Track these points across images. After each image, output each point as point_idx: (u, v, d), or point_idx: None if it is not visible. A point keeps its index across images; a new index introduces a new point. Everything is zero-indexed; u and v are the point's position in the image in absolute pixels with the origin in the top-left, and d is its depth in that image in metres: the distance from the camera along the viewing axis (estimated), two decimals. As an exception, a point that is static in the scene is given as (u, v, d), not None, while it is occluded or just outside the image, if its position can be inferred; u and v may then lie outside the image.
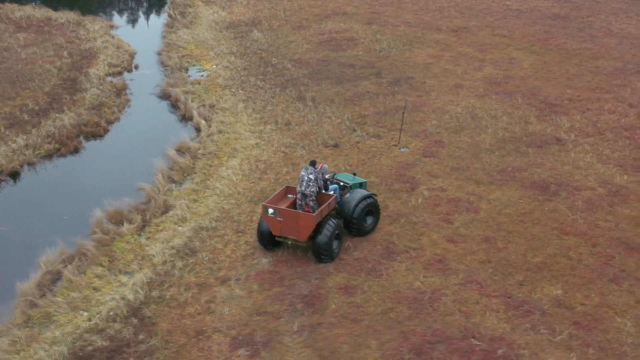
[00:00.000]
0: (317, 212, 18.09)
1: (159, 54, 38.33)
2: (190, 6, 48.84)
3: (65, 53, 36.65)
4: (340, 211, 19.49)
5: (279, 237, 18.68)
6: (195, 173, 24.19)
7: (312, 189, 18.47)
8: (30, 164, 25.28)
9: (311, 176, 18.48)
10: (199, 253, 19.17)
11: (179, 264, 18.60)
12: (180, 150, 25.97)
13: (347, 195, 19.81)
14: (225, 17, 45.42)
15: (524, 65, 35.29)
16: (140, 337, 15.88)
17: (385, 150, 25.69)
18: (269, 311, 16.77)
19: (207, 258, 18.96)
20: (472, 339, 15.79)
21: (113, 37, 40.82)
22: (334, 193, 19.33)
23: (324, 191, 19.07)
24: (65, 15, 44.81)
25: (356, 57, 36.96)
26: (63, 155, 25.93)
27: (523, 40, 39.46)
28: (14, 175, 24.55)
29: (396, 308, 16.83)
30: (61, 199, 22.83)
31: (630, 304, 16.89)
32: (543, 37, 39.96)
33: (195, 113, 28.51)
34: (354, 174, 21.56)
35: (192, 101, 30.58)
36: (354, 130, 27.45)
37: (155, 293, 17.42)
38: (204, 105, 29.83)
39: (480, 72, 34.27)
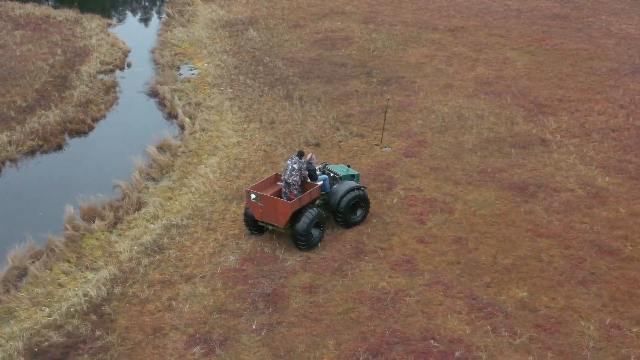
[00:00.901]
0: (294, 200, 18.29)
1: (152, 52, 38.40)
2: (189, 4, 48.97)
3: (59, 50, 36.86)
4: (327, 201, 19.73)
5: (261, 222, 19.12)
6: (173, 171, 24.22)
7: (295, 178, 18.75)
8: (12, 160, 25.43)
9: (295, 165, 18.75)
10: (166, 250, 19.15)
11: (145, 261, 18.59)
12: (162, 148, 26.01)
13: (336, 186, 19.92)
14: (223, 16, 45.47)
15: (518, 65, 34.97)
16: (97, 333, 15.87)
17: (367, 149, 25.55)
18: (230, 309, 16.71)
19: (174, 255, 18.94)
20: (431, 341, 15.63)
21: (109, 35, 41.00)
22: (322, 183, 19.53)
23: (309, 180, 19.20)
24: (64, 13, 45.12)
25: (349, 56, 36.83)
26: (45, 152, 26.08)
27: (519, 41, 39.11)
28: (-5, 171, 24.74)
29: (358, 308, 16.70)
30: (39, 195, 22.94)
31: (596, 308, 16.64)
32: (540, 37, 39.59)
33: (180, 111, 28.53)
34: (348, 166, 21.56)
35: (179, 99, 30.63)
36: (338, 129, 27.33)
37: (117, 290, 17.41)
38: (190, 104, 29.86)
39: (472, 72, 34.01)
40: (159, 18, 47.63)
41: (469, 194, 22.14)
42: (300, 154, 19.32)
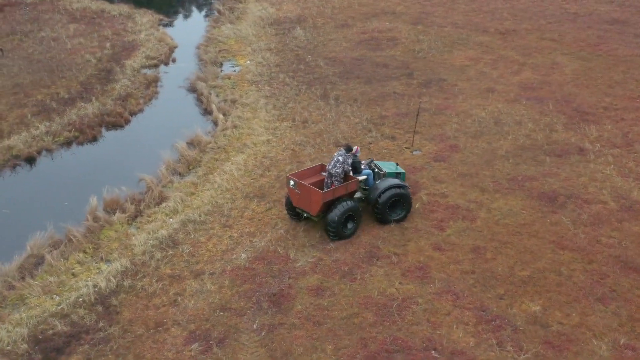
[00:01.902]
0: (327, 190, 18.67)
1: (198, 48, 38.86)
2: (241, 2, 49.36)
3: (108, 44, 37.69)
4: (367, 196, 19.89)
5: (298, 208, 19.66)
6: (200, 166, 24.38)
7: (338, 170, 19.08)
8: (47, 150, 26.12)
9: (340, 158, 19.14)
10: (180, 245, 19.29)
11: (158, 255, 18.76)
12: (192, 143, 26.25)
13: (378, 182, 19.98)
14: (272, 14, 45.63)
15: (566, 71, 33.83)
16: (100, 324, 16.10)
17: (396, 152, 25.15)
18: (234, 307, 16.69)
19: (187, 251, 19.05)
20: (433, 351, 15.24)
21: (158, 30, 41.67)
22: (366, 178, 19.93)
23: (352, 174, 19.42)
24: (118, 8, 46.12)
25: (392, 57, 36.39)
26: (81, 143, 26.68)
27: (572, 45, 37.85)
28: (30, 160, 25.42)
29: (362, 313, 16.42)
30: (68, 185, 23.48)
31: (611, 327, 15.90)
32: (594, 42, 38.21)
33: (214, 107, 28.73)
34: (397, 164, 21.35)
35: (217, 95, 30.86)
36: (370, 130, 27.01)
37: (127, 282, 17.63)
38: (225, 100, 30.05)
39: (517, 77, 33.10)
40: (210, 15, 48.13)
41: (495, 202, 21.52)
42: (348, 149, 19.51)
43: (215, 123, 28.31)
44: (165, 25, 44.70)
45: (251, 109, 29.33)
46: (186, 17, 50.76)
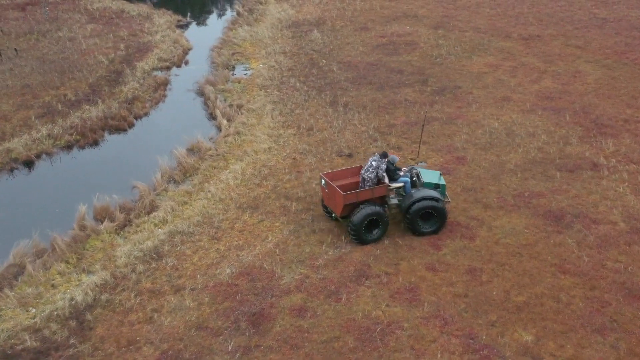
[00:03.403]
0: (350, 192, 18.66)
1: (212, 50, 38.40)
2: (261, 3, 48.89)
3: (122, 45, 37.48)
4: (400, 204, 19.54)
5: (327, 206, 20.01)
6: (197, 174, 23.84)
7: (370, 175, 19.12)
8: (47, 153, 25.87)
9: (374, 163, 19.13)
10: (164, 258, 18.75)
11: (140, 267, 18.24)
12: (192, 150, 25.74)
13: (413, 191, 19.49)
14: (292, 16, 45.03)
15: (588, 79, 32.53)
16: (72, 341, 15.62)
17: (400, 164, 24.26)
18: (210, 327, 16.07)
19: (171, 264, 18.50)
20: (413, 382, 14.42)
21: (175, 31, 41.36)
22: (402, 185, 19.59)
23: (386, 181, 19.19)
24: (138, 8, 46.00)
25: (409, 62, 35.47)
26: (81, 147, 26.39)
27: (597, 53, 36.47)
28: (28, 164, 25.19)
29: (343, 337, 15.66)
30: (62, 190, 23.16)
31: (608, 361, 14.88)
32: (621, 50, 36.78)
33: (219, 112, 28.20)
34: (440, 174, 20.64)
35: (224, 100, 30.35)
36: (375, 140, 26.19)
37: (104, 296, 17.14)
38: (231, 105, 29.50)
39: (536, 85, 31.92)
40: (229, 16, 47.70)
41: (498, 219, 20.54)
42: (384, 155, 19.37)
43: (219, 128, 27.77)
44: (183, 26, 44.41)
45: (257, 115, 28.72)
46: (206, 18, 50.43)
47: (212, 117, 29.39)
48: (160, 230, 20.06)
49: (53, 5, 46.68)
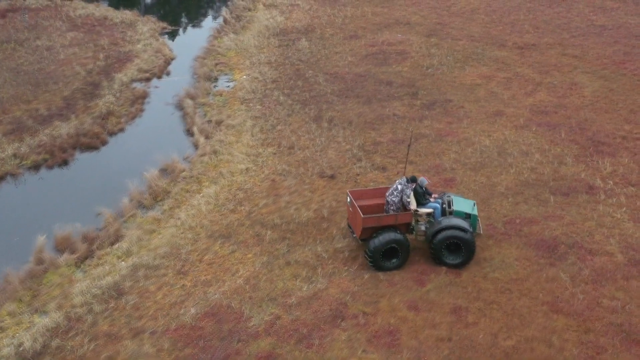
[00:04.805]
0: (371, 215, 17.80)
1: (195, 60, 36.97)
2: (249, 9, 47.46)
3: (102, 55, 36.08)
4: (426, 232, 18.47)
5: (349, 225, 19.16)
6: (168, 198, 22.45)
7: (394, 198, 18.36)
8: (12, 174, 24.44)
9: (399, 186, 18.38)
10: (125, 296, 17.35)
11: (98, 308, 16.85)
12: (166, 170, 24.33)
13: (442, 219, 18.27)
14: (280, 23, 43.60)
15: (585, 92, 31.16)
16: (14, 396, 14.24)
17: (385, 185, 22.87)
18: (169, 378, 14.69)
19: (132, 303, 17.11)
20: None
21: (158, 40, 39.94)
22: (432, 212, 18.57)
23: (411, 207, 18.29)
24: (122, 15, 44.56)
25: (399, 73, 34.08)
26: (49, 167, 24.97)
27: (595, 63, 35.10)
28: (-10, 187, 23.82)
29: (313, 391, 14.29)
30: (23, 217, 21.71)
31: (603, 419, 13.50)
32: (619, 60, 35.40)
33: (196, 129, 26.80)
34: (474, 204, 19.28)
35: (204, 115, 28.97)
36: (360, 159, 24.81)
37: (55, 342, 15.74)
38: (210, 121, 28.09)
39: (530, 98, 30.54)
40: (216, 23, 46.24)
41: (486, 250, 19.16)
42: (412, 179, 18.57)
43: (197, 146, 26.37)
44: (167, 34, 42.97)
45: (236, 132, 27.32)
46: (193, 25, 48.94)
47: (190, 133, 27.97)
48: (123, 263, 18.66)
49: (34, 12, 45.23)
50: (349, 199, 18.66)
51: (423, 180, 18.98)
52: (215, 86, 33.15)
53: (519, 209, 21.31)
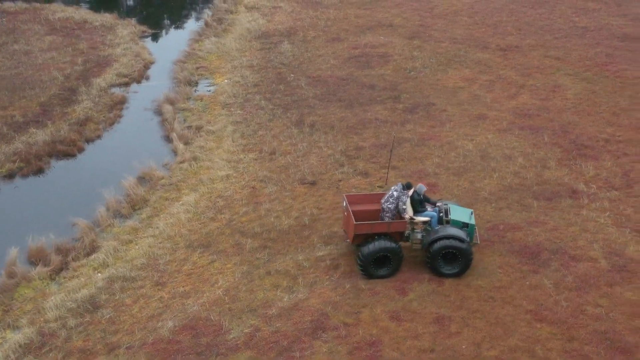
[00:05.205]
0: (364, 222, 17.58)
1: (175, 64, 36.48)
2: (231, 12, 46.97)
3: (80, 59, 35.52)
4: (422, 241, 18.16)
5: (344, 230, 18.90)
6: (146, 207, 22.02)
7: (390, 205, 18.10)
8: (-14, 183, 23.94)
9: (395, 193, 18.14)
10: (100, 309, 16.94)
11: (72, 322, 16.43)
12: (144, 178, 23.89)
13: (438, 227, 18.05)
14: (262, 26, 43.17)
15: (568, 94, 31.05)
16: (-16, 416, 13.80)
17: (368, 192, 22.59)
18: (144, 395, 14.30)
19: (108, 316, 16.69)
20: None
21: (138, 43, 39.39)
22: (428, 220, 18.22)
23: (407, 215, 17.97)
24: (102, 18, 43.93)
25: (381, 76, 33.80)
26: (24, 176, 24.43)
27: (577, 65, 35.01)
28: (-37, 196, 23.27)
29: (293, 406, 13.96)
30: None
31: None
32: (602, 62, 35.34)
33: (175, 136, 26.36)
34: (472, 213, 18.95)
35: (184, 120, 28.54)
36: (342, 165, 24.52)
37: (28, 359, 15.30)
38: (190, 127, 27.66)
39: (513, 101, 30.38)
40: (197, 26, 45.64)
41: (469, 257, 18.87)
42: (407, 186, 18.37)
43: (176, 153, 25.94)
44: (148, 38, 42.42)
45: (216, 138, 26.92)
46: (173, 28, 48.31)
47: (169, 139, 27.51)
48: (99, 275, 18.22)
49: (12, 16, 44.47)
50: (344, 203, 18.42)
51: (421, 187, 18.67)
52: (195, 90, 32.71)
53: (503, 215, 21.11)
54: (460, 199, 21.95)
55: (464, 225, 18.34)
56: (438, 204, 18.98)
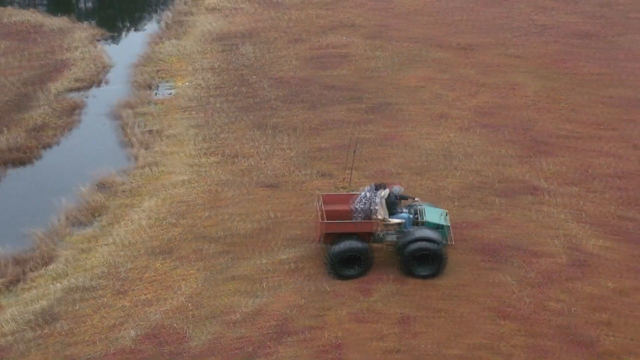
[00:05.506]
0: (330, 221, 17.58)
1: (134, 67, 35.96)
2: (191, 14, 46.47)
3: (36, 64, 34.83)
4: (396, 242, 18.10)
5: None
6: (106, 214, 21.63)
7: (362, 206, 18.05)
8: (-62, 194, 23.27)
9: (367, 194, 18.13)
10: (59, 321, 16.59)
11: (29, 335, 16.05)
12: (104, 185, 23.47)
13: (412, 229, 18.03)
14: (222, 27, 42.80)
15: (527, 92, 31.38)
16: None
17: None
18: (105, 407, 14.02)
19: (67, 328, 16.36)
20: None
21: (96, 47, 38.76)
22: (401, 222, 18.24)
23: (379, 216, 17.88)
24: (58, 22, 43.10)
25: (342, 77, 33.76)
26: (-23, 185, 23.83)
27: (535, 62, 35.43)
28: None
29: (257, 413, 13.81)
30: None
31: None
32: (560, 59, 35.83)
33: (135, 140, 25.98)
34: (446, 214, 18.94)
35: (144, 125, 28.12)
36: (305, 166, 24.43)
37: (-17, 374, 14.91)
38: (150, 131, 27.27)
39: (474, 100, 30.61)
40: (157, 28, 45.07)
41: (432, 256, 18.92)
42: (379, 186, 18.39)
43: (136, 158, 25.55)
44: (106, 41, 41.77)
45: (177, 142, 26.61)
46: (132, 30, 47.66)
47: (127, 144, 27.08)
48: (58, 285, 17.83)
49: (-35, 20, 43.48)
50: (318, 203, 18.41)
51: (396, 188, 18.67)
52: (155, 94, 32.28)
53: (465, 213, 21.23)
54: (424, 199, 21.92)
55: (437, 227, 18.33)
56: (417, 199, 19.18)
